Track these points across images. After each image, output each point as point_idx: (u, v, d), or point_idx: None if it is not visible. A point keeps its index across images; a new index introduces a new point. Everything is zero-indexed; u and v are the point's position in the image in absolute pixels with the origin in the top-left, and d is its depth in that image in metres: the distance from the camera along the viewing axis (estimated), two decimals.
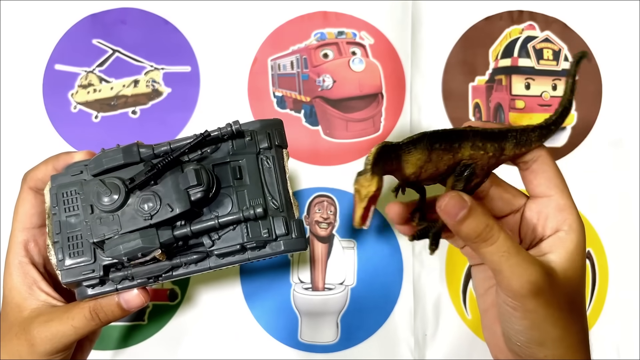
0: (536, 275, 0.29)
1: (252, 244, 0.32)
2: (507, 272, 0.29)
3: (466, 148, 0.30)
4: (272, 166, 0.34)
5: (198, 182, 0.30)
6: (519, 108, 0.55)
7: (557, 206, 0.32)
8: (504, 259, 0.29)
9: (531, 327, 0.30)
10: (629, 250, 0.54)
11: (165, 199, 0.30)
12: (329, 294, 0.53)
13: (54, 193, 0.32)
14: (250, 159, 0.33)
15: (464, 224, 0.29)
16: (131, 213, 0.30)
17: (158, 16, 0.56)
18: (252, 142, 0.34)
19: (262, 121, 0.35)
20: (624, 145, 0.55)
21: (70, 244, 0.32)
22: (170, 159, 0.31)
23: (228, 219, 0.31)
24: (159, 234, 0.30)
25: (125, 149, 0.31)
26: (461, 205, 0.29)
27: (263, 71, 0.56)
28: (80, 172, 0.33)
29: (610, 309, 0.53)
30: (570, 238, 0.31)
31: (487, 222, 0.29)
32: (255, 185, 0.33)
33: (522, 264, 0.29)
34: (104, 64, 0.55)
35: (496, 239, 0.29)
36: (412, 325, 0.52)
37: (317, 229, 0.53)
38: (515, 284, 0.29)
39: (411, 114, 0.55)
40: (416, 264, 0.53)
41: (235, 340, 0.52)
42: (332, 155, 0.54)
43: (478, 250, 0.30)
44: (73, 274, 0.32)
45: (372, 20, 0.56)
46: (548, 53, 0.56)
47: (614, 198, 0.55)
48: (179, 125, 0.54)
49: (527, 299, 0.29)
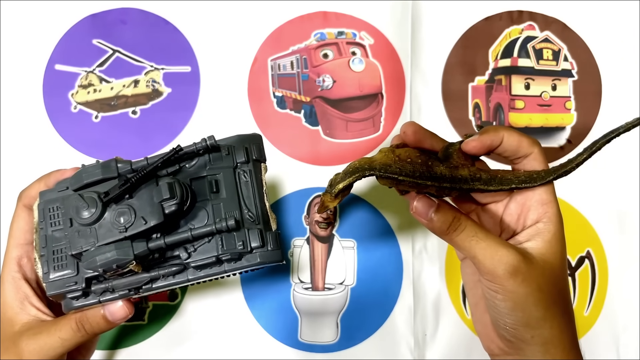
0: (509, 256, 0.31)
1: (227, 256, 0.33)
2: (480, 256, 0.32)
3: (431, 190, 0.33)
4: (249, 180, 0.35)
5: (171, 195, 0.31)
6: (518, 108, 0.55)
7: (540, 200, 0.34)
8: (474, 242, 0.32)
9: (514, 308, 0.32)
10: (629, 250, 0.54)
11: (139, 212, 0.31)
12: (329, 294, 0.53)
13: (41, 208, 0.34)
14: (227, 173, 0.34)
15: (434, 219, 0.32)
16: (107, 226, 0.31)
17: (158, 16, 0.56)
18: (229, 157, 0.35)
19: (240, 136, 0.36)
20: (624, 146, 0.55)
21: (55, 257, 0.33)
22: (143, 172, 0.32)
23: (201, 231, 0.32)
24: (133, 246, 0.31)
25: (104, 165, 0.33)
26: (429, 205, 0.33)
27: (263, 71, 0.56)
28: (66, 187, 0.34)
29: (610, 309, 0.53)
30: (548, 228, 0.33)
31: (454, 215, 0.33)
32: (231, 199, 0.34)
33: (493, 246, 0.32)
34: (104, 64, 0.55)
35: (464, 226, 0.32)
36: (412, 325, 0.52)
37: (317, 229, 0.53)
38: (489, 264, 0.31)
39: (411, 114, 0.55)
40: (416, 264, 0.53)
41: (235, 340, 0.52)
42: (332, 155, 0.54)
43: (452, 241, 0.33)
44: (57, 286, 0.33)
45: (372, 20, 0.56)
46: (548, 53, 0.56)
47: (614, 198, 0.55)
48: (179, 125, 0.55)
49: (505, 279, 0.31)
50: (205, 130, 0.54)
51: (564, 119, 0.56)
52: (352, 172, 0.32)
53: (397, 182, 0.32)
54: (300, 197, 0.54)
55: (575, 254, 0.54)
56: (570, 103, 0.56)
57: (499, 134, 0.34)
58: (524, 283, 0.31)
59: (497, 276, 0.31)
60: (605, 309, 0.54)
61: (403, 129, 0.35)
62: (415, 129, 0.35)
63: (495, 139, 0.34)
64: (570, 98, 0.56)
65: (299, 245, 0.53)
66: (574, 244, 0.54)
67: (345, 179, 0.32)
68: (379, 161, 0.32)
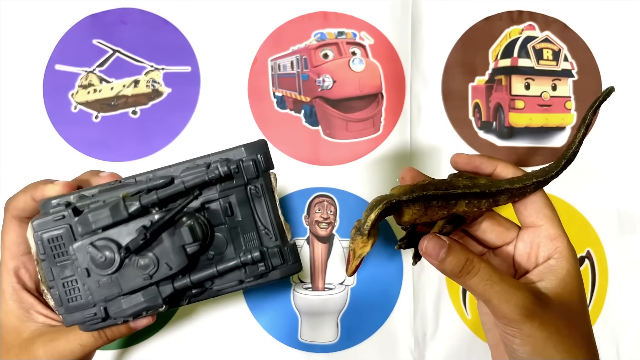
0: (524, 299, 0.30)
1: (250, 280, 0.33)
2: (495, 300, 0.30)
3: (461, 205, 0.32)
4: (261, 195, 0.34)
5: (194, 239, 0.31)
6: (518, 108, 0.55)
7: (548, 235, 0.33)
8: (488, 286, 0.30)
9: (534, 353, 0.31)
10: (629, 250, 0.54)
11: (162, 258, 0.31)
12: (329, 294, 0.53)
13: (38, 241, 0.32)
14: (239, 193, 0.33)
15: (446, 261, 0.31)
16: (130, 274, 0.31)
17: (158, 16, 0.56)
18: (240, 174, 0.33)
19: (246, 146, 0.33)
20: (624, 146, 0.55)
21: (67, 290, 0.32)
22: (162, 222, 0.31)
23: (227, 266, 0.32)
24: (160, 290, 0.31)
25: (113, 208, 0.30)
26: (441, 245, 0.31)
27: (263, 71, 0.56)
28: (62, 216, 0.31)
29: (610, 309, 0.54)
30: (561, 265, 0.32)
31: (467, 256, 0.31)
32: (247, 220, 0.33)
33: (508, 289, 0.30)
34: (104, 64, 0.55)
35: (477, 269, 0.31)
36: (412, 325, 0.52)
37: (317, 229, 0.53)
38: (505, 309, 0.30)
39: (411, 114, 0.55)
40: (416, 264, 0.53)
41: (235, 340, 0.52)
42: (332, 155, 0.54)
43: (465, 284, 0.31)
44: (76, 319, 0.32)
45: (372, 20, 0.56)
46: (548, 53, 0.56)
47: (614, 198, 0.55)
48: (179, 125, 0.55)
49: (522, 323, 0.30)
50: (205, 130, 0.54)
51: (564, 119, 0.56)
52: (377, 203, 0.30)
53: (427, 204, 0.31)
54: (300, 197, 0.54)
55: None
56: (570, 103, 0.56)
57: (493, 162, 0.34)
58: (541, 327, 0.30)
59: (514, 320, 0.30)
60: (605, 309, 0.54)
61: (401, 175, 0.35)
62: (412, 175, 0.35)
63: (486, 164, 0.34)
64: (570, 98, 0.56)
65: (299, 245, 0.53)
66: (574, 244, 0.53)
67: (373, 210, 0.30)
68: (399, 192, 0.31)
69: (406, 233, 0.36)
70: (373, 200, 0.31)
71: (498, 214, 0.36)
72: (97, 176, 0.36)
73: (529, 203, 0.34)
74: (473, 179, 0.33)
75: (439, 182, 0.32)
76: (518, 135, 0.55)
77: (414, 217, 0.31)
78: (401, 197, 0.30)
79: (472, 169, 0.35)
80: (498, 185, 0.32)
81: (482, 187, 0.32)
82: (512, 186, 0.32)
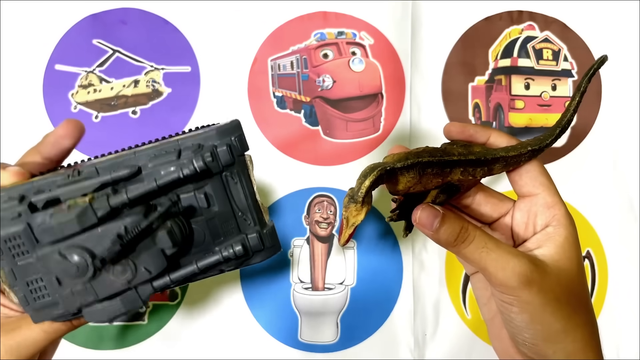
0: (521, 265, 0.30)
1: (230, 267, 0.31)
2: (491, 267, 0.30)
3: (456, 173, 0.31)
4: (238, 181, 0.31)
5: (174, 243, 0.29)
6: (518, 108, 0.55)
7: (545, 203, 0.33)
8: (484, 254, 0.30)
9: (532, 320, 0.30)
10: (629, 250, 0.54)
11: (140, 263, 0.29)
12: (329, 294, 0.53)
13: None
14: (214, 182, 0.30)
15: (440, 231, 0.30)
16: (105, 280, 0.29)
17: (158, 16, 0.56)
18: (215, 163, 0.30)
19: (218, 130, 0.30)
20: (624, 145, 0.55)
21: (32, 289, 0.29)
22: (137, 232, 0.28)
23: (209, 262, 0.30)
24: (139, 292, 0.29)
25: (79, 215, 0.27)
26: (434, 215, 0.30)
27: (263, 71, 0.56)
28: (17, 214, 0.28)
29: (610, 309, 0.53)
30: (559, 232, 0.32)
31: (462, 224, 0.30)
32: (224, 209, 0.31)
33: (504, 256, 0.30)
34: (104, 64, 0.55)
35: (472, 237, 0.30)
36: (412, 325, 0.52)
37: (317, 229, 0.53)
38: (501, 276, 0.30)
39: (411, 114, 0.55)
40: (416, 264, 0.53)
41: (235, 340, 0.52)
42: (332, 155, 0.54)
43: (460, 253, 0.31)
44: (44, 315, 0.30)
45: (372, 20, 0.56)
46: (548, 53, 0.56)
47: (614, 198, 0.55)
48: (179, 125, 0.55)
49: (519, 290, 0.29)
50: None
51: None
52: (371, 170, 0.29)
53: (421, 172, 0.30)
54: (300, 197, 0.54)
55: None
56: None
57: (487, 131, 0.34)
58: (540, 293, 0.30)
59: (511, 287, 0.30)
60: (605, 309, 0.54)
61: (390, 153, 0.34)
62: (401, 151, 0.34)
63: (480, 133, 0.34)
64: (570, 98, 0.56)
65: (299, 245, 0.53)
66: None
67: (367, 177, 0.29)
68: (393, 159, 0.30)
69: (397, 205, 0.35)
70: (366, 168, 0.30)
71: (490, 188, 0.36)
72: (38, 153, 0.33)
73: (524, 172, 0.33)
74: (468, 146, 0.32)
75: (434, 150, 0.31)
76: (518, 135, 0.55)
77: (408, 186, 0.30)
78: (395, 165, 0.29)
79: (465, 137, 0.34)
80: (493, 153, 0.32)
81: (477, 154, 0.31)
82: (507, 154, 0.32)
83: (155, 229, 0.29)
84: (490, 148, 0.33)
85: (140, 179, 0.29)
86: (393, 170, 0.29)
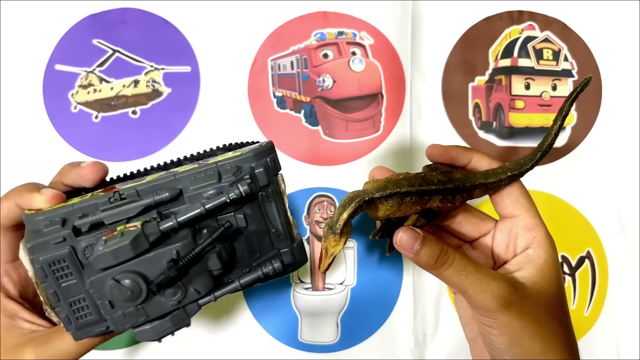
0: (500, 288, 0.30)
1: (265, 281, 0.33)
2: (470, 290, 0.30)
3: (435, 200, 0.32)
4: (272, 200, 0.32)
5: (222, 266, 0.30)
6: (518, 108, 0.55)
7: (525, 225, 0.33)
8: (463, 277, 0.30)
9: (511, 343, 0.30)
10: (629, 250, 0.54)
11: (189, 284, 0.30)
12: (329, 294, 0.53)
13: (38, 267, 0.29)
14: (252, 203, 0.32)
15: (420, 253, 0.31)
16: (156, 301, 0.30)
17: (158, 16, 0.56)
18: (253, 184, 0.31)
19: (255, 152, 0.31)
20: (624, 146, 0.55)
21: (75, 309, 0.31)
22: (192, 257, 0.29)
23: (250, 279, 0.32)
24: (187, 311, 0.31)
25: (134, 241, 0.28)
26: (415, 238, 0.31)
27: (263, 71, 0.56)
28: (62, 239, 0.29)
29: (610, 309, 0.53)
30: (538, 254, 0.32)
31: (442, 247, 0.31)
32: (260, 227, 0.32)
33: (483, 279, 0.30)
34: (104, 64, 0.55)
35: (452, 260, 0.30)
36: (412, 325, 0.52)
37: (317, 229, 0.53)
38: (480, 299, 0.30)
39: (411, 114, 0.55)
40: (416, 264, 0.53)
41: (236, 340, 0.52)
42: (332, 155, 0.54)
43: (440, 275, 0.31)
44: (86, 333, 0.31)
45: (372, 20, 0.56)
46: (548, 53, 0.56)
47: (614, 198, 0.55)
48: (179, 125, 0.55)
49: (498, 313, 0.30)
50: (205, 131, 0.54)
51: None
52: (350, 201, 0.30)
53: (400, 200, 0.31)
54: (300, 197, 0.54)
55: (575, 254, 0.54)
56: None
57: (468, 153, 0.34)
58: (518, 316, 0.30)
59: (490, 310, 0.30)
60: (605, 309, 0.54)
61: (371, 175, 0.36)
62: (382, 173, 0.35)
63: (462, 155, 0.34)
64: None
65: None
66: (574, 244, 0.54)
67: (346, 209, 0.29)
68: (372, 187, 0.31)
69: (381, 224, 0.36)
70: (346, 197, 0.30)
71: (472, 206, 0.36)
72: (79, 167, 0.34)
73: (505, 194, 0.34)
74: (448, 173, 0.33)
75: (413, 177, 0.32)
76: (518, 135, 0.55)
77: (388, 213, 0.31)
78: (374, 194, 0.30)
79: (447, 160, 0.35)
80: (472, 179, 0.32)
81: (457, 181, 0.32)
82: (487, 181, 0.32)
83: (206, 253, 0.30)
84: (471, 173, 0.33)
85: (182, 201, 0.31)
86: (372, 200, 0.30)
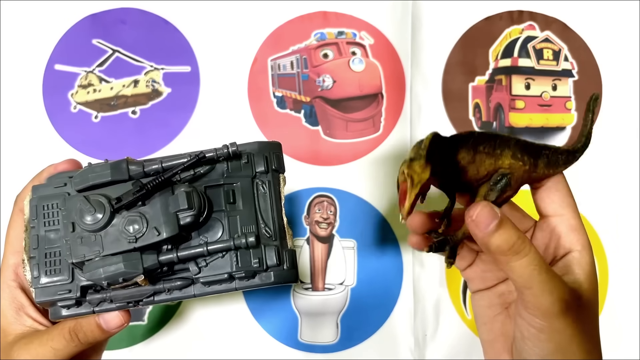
0: (566, 292, 0.28)
1: (240, 274, 0.30)
2: (537, 289, 0.28)
3: (507, 156, 0.30)
4: (267, 191, 0.32)
5: (189, 205, 0.29)
6: (519, 108, 0.55)
7: (570, 226, 0.32)
8: (535, 272, 0.28)
9: (555, 350, 0.29)
10: (629, 250, 0.54)
11: (152, 222, 0.29)
12: (329, 294, 0.53)
13: (33, 205, 0.31)
14: (245, 183, 0.32)
15: (495, 234, 0.28)
16: (115, 234, 0.29)
17: (158, 16, 0.56)
18: (248, 165, 0.32)
19: (260, 143, 0.33)
20: (624, 146, 0.55)
21: (48, 261, 0.30)
22: (161, 179, 0.29)
23: (218, 247, 0.30)
24: (142, 258, 0.29)
25: (114, 165, 0.29)
26: (493, 216, 0.28)
27: (263, 71, 0.56)
28: (63, 184, 0.31)
29: (610, 309, 0.53)
30: (585, 259, 0.31)
31: (519, 235, 0.28)
32: (248, 211, 0.31)
33: (553, 279, 0.28)
34: (104, 64, 0.55)
35: (528, 251, 0.28)
36: (412, 326, 0.52)
37: (317, 229, 0.53)
38: (544, 299, 0.28)
39: (411, 114, 0.55)
40: (416, 264, 0.53)
41: (235, 340, 0.52)
42: (332, 155, 0.54)
43: (507, 263, 0.28)
44: (48, 293, 0.30)
45: (372, 20, 0.56)
46: (548, 53, 0.56)
47: (614, 198, 0.55)
48: (179, 125, 0.54)
49: (555, 317, 0.28)
50: (205, 131, 0.54)
51: (565, 119, 0.56)
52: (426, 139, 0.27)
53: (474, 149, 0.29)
54: (300, 197, 0.54)
55: None
56: (570, 103, 0.56)
57: None
58: (573, 324, 0.28)
59: (550, 313, 0.28)
60: (605, 309, 0.53)
61: None
62: None
63: None
64: (570, 98, 0.56)
65: (299, 245, 0.53)
66: None
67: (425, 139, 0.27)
68: None
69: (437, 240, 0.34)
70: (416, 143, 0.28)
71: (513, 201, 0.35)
72: (54, 166, 0.34)
73: (554, 190, 0.32)
74: None
75: None
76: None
77: (463, 164, 0.29)
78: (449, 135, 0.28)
79: None
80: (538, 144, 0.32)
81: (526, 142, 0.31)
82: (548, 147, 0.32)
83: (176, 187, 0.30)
84: None
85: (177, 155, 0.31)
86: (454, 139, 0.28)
